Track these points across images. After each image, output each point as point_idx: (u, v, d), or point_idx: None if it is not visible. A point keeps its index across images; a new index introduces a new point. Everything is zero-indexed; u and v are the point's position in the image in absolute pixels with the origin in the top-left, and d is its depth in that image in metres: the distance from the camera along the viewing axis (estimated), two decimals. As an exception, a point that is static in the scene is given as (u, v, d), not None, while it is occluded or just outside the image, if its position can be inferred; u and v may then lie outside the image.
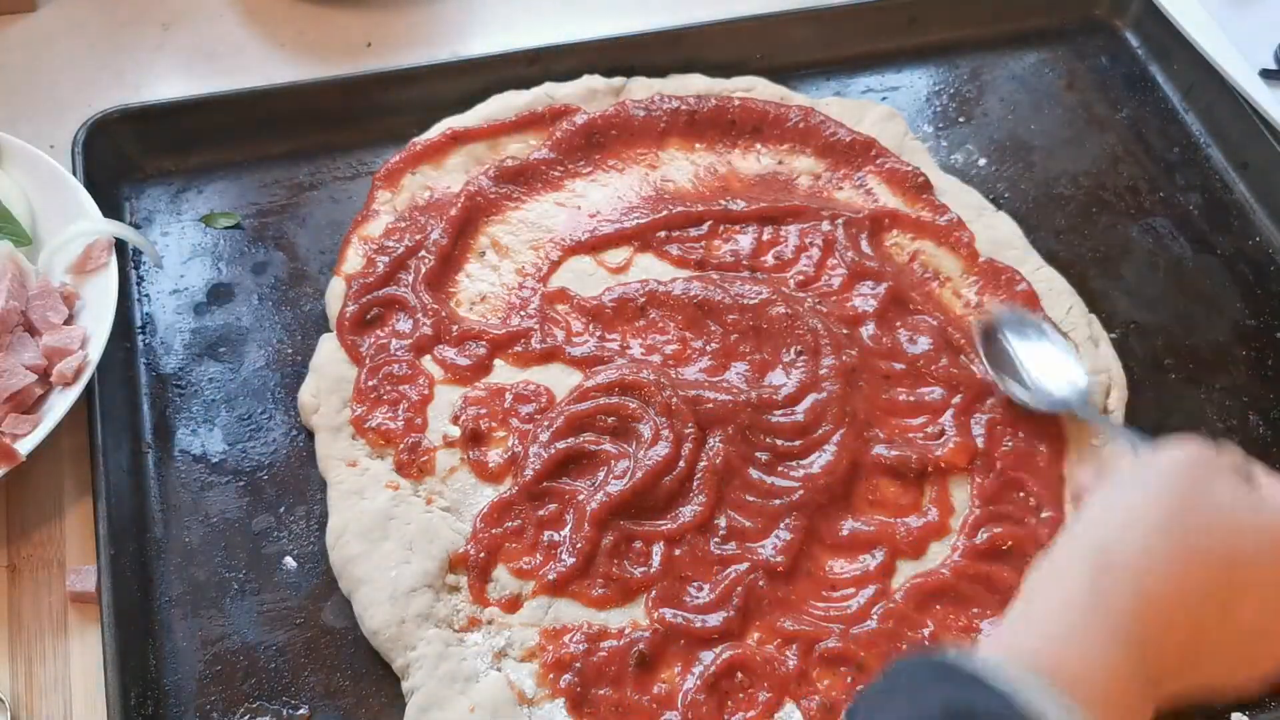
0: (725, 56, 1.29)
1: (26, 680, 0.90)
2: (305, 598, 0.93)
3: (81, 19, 1.33)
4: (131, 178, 1.17)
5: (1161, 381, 1.11)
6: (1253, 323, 1.16)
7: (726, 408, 0.99)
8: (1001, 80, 1.35)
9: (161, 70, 1.30)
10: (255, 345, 1.07)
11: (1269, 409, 1.09)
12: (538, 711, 0.86)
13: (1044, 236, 1.20)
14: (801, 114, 1.22)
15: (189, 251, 1.13)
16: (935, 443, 1.00)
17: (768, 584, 0.92)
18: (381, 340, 1.05)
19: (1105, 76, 1.36)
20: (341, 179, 1.19)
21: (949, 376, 1.03)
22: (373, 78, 1.23)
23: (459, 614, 0.91)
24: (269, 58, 1.31)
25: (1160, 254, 1.21)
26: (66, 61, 1.29)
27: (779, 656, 0.89)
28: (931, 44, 1.36)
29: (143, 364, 1.05)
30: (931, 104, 1.31)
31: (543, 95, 1.22)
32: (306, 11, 1.36)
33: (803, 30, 1.33)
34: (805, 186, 1.19)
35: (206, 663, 0.90)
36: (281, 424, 1.03)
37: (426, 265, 1.08)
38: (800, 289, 1.10)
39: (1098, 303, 1.14)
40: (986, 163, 1.27)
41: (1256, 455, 1.04)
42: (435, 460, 0.98)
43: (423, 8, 1.38)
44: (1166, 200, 1.25)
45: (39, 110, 1.23)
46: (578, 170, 1.18)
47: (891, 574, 0.94)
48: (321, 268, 1.12)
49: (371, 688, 0.90)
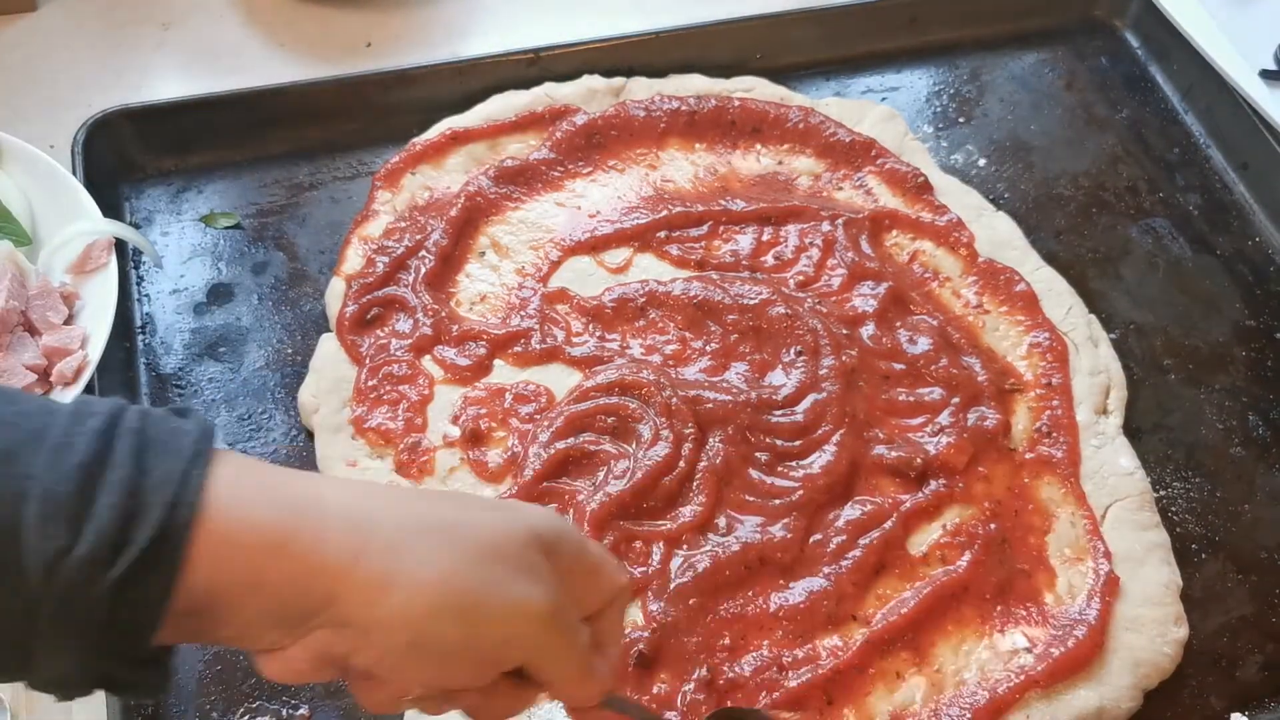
0: (725, 57, 1.29)
1: (26, 680, 0.90)
2: (305, 598, 0.93)
3: (81, 19, 1.33)
4: (131, 178, 1.17)
5: (1161, 382, 1.11)
6: (1252, 323, 1.16)
7: (726, 408, 0.99)
8: (1001, 81, 1.35)
9: (161, 70, 1.30)
10: (255, 345, 1.07)
11: (1268, 409, 1.09)
12: (538, 712, 0.86)
13: (1044, 237, 1.20)
14: (801, 114, 1.22)
15: (189, 251, 1.13)
16: (933, 441, 1.00)
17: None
18: (381, 340, 1.05)
19: (1105, 77, 1.36)
20: (341, 179, 1.19)
21: (949, 376, 1.03)
22: (373, 78, 1.23)
23: (459, 614, 0.91)
24: (269, 58, 1.31)
25: (1160, 254, 1.21)
26: (66, 61, 1.29)
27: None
28: (931, 44, 1.36)
29: (142, 364, 1.05)
30: (931, 104, 1.32)
31: (542, 95, 1.22)
32: (306, 11, 1.36)
33: (802, 30, 1.33)
34: (805, 187, 1.19)
35: (206, 663, 0.90)
36: (281, 424, 1.03)
37: (426, 265, 1.08)
38: (800, 289, 1.10)
39: (1097, 303, 1.15)
40: (986, 163, 1.27)
41: (1256, 455, 1.06)
42: (435, 460, 0.98)
43: (423, 8, 1.38)
44: (1166, 201, 1.25)
45: (39, 110, 1.23)
46: (578, 170, 1.18)
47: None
48: (321, 268, 1.12)
49: (371, 688, 0.90)
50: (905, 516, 0.95)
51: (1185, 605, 0.95)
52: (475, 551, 0.58)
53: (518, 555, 0.59)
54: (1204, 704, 0.92)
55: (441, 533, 0.58)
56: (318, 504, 0.56)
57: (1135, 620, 0.93)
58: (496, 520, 0.60)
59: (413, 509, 0.59)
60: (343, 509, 0.56)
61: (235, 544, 0.53)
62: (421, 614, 0.56)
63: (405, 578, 0.56)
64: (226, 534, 0.53)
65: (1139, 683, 0.90)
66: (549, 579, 0.59)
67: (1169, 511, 1.02)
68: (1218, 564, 1.00)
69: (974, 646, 0.91)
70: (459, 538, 0.58)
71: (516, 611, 0.58)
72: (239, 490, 0.54)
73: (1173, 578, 0.96)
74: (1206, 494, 1.04)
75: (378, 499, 0.59)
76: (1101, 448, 1.02)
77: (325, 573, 0.55)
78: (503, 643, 0.59)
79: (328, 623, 0.55)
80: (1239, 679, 0.94)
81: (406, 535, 0.57)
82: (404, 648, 0.56)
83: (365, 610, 0.55)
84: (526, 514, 0.62)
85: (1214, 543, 1.01)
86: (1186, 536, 1.01)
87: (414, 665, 0.58)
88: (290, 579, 0.54)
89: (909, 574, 0.93)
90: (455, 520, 0.59)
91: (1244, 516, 1.03)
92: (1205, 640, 0.95)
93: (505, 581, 0.58)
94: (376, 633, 0.56)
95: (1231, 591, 0.98)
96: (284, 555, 0.54)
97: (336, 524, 0.55)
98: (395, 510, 0.58)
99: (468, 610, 0.57)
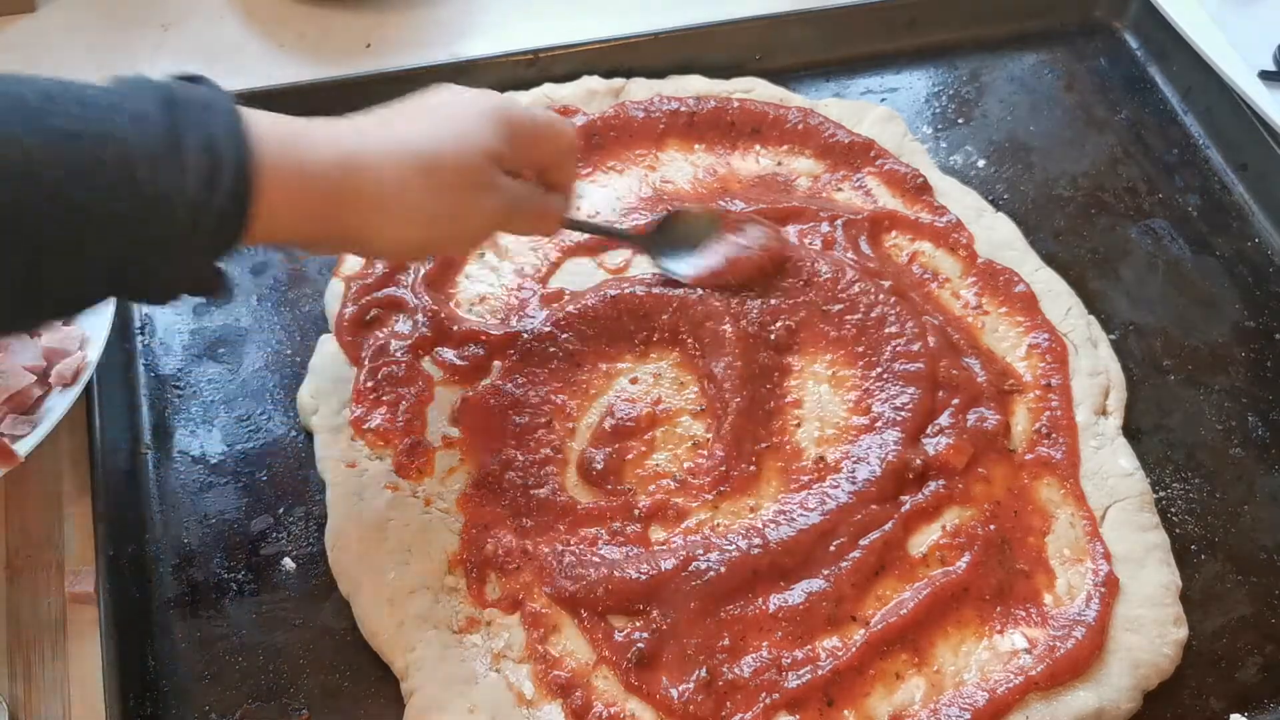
0: (724, 57, 1.29)
1: (26, 681, 0.90)
2: (304, 599, 0.93)
3: (81, 19, 1.33)
4: (131, 178, 1.17)
5: (1160, 382, 1.11)
6: (1251, 324, 1.16)
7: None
8: (1000, 81, 1.35)
9: (161, 70, 1.29)
10: (254, 346, 1.07)
11: (1268, 409, 1.09)
12: (537, 713, 0.87)
13: (1043, 238, 1.20)
14: (801, 115, 1.22)
15: (188, 252, 1.13)
16: (932, 441, 1.00)
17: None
18: (380, 341, 1.05)
19: (1104, 78, 1.36)
20: (341, 180, 1.19)
21: (949, 377, 1.03)
22: (373, 78, 1.22)
23: (458, 615, 0.91)
24: (269, 58, 1.32)
25: (1159, 255, 1.21)
26: (66, 62, 1.29)
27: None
28: (931, 45, 1.36)
29: (142, 365, 1.05)
30: (931, 105, 1.32)
31: (542, 96, 1.22)
32: (306, 12, 1.36)
33: (802, 31, 1.33)
34: (804, 188, 1.19)
35: (205, 663, 0.90)
36: (280, 425, 1.03)
37: (426, 266, 1.08)
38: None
39: (1097, 304, 1.15)
40: (985, 164, 1.27)
41: (1256, 456, 1.06)
42: (434, 461, 0.98)
43: (422, 8, 1.38)
44: (1165, 201, 1.25)
45: (38, 111, 1.23)
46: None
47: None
48: (320, 268, 1.12)
49: (370, 689, 0.90)
50: (905, 517, 0.95)
51: (1185, 606, 0.95)
52: (437, 184, 0.79)
53: (472, 179, 0.81)
54: (1203, 705, 0.92)
55: (416, 177, 0.78)
56: (347, 164, 0.76)
57: (1135, 621, 0.93)
58: (460, 149, 0.80)
59: (397, 146, 0.78)
60: (338, 155, 0.76)
61: (285, 187, 0.72)
62: (399, 240, 0.80)
63: (393, 219, 0.78)
64: (275, 178, 0.71)
65: (1138, 684, 0.90)
66: (496, 188, 0.83)
67: (1168, 512, 1.02)
68: (1217, 565, 1.00)
69: (973, 647, 0.91)
70: (428, 177, 0.78)
71: (479, 223, 0.85)
72: (274, 137, 0.72)
73: (1172, 579, 0.96)
74: (1206, 495, 1.03)
75: (371, 137, 0.78)
76: (1101, 449, 1.02)
77: (338, 208, 0.76)
78: (474, 238, 0.92)
79: (343, 237, 0.79)
80: (1238, 680, 0.94)
81: (403, 184, 0.77)
82: (390, 255, 1.02)
83: (366, 238, 0.79)
84: (479, 134, 0.81)
85: (1213, 543, 1.01)
86: (1186, 537, 1.01)
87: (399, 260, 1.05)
88: (311, 215, 0.75)
89: (908, 575, 0.93)
90: (424, 157, 0.79)
91: (1243, 517, 1.03)
92: (1205, 641, 0.95)
93: (463, 205, 0.81)
94: (371, 249, 0.90)
95: (1231, 592, 0.98)
96: (310, 193, 0.74)
97: (334, 170, 0.75)
98: (382, 152, 0.77)
99: (435, 232, 0.81)
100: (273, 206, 0.71)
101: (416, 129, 0.80)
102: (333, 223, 0.76)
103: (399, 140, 0.79)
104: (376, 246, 0.83)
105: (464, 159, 0.80)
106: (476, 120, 0.82)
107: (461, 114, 0.82)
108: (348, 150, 0.76)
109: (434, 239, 0.83)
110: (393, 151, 0.78)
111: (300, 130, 0.75)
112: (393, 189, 0.77)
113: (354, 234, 0.78)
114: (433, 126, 0.81)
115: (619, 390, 1.02)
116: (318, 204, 0.75)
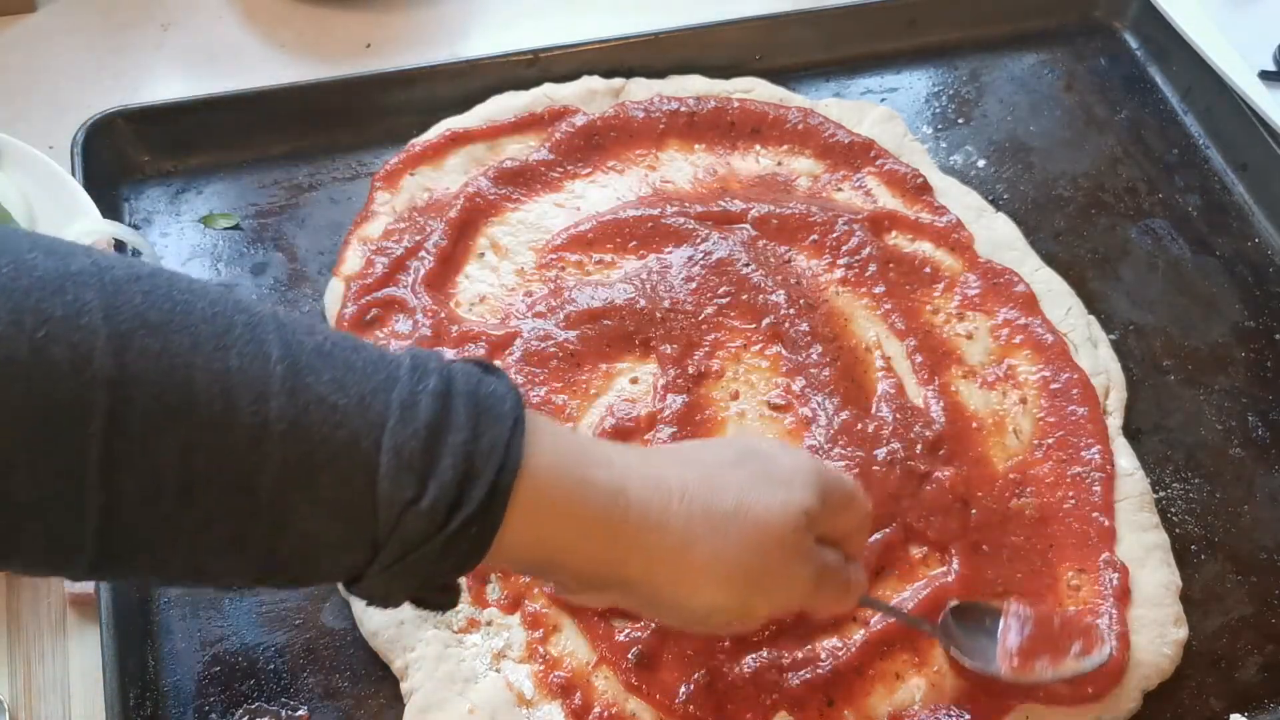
0: (724, 57, 1.29)
1: (25, 681, 0.90)
2: (304, 599, 0.93)
3: (81, 19, 1.33)
4: (131, 178, 1.17)
5: (1160, 383, 1.11)
6: (1252, 324, 1.16)
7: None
8: (1000, 81, 1.35)
9: (161, 71, 1.30)
10: (254, 346, 1.07)
11: (1268, 410, 1.09)
12: (537, 713, 0.87)
13: (1043, 238, 1.20)
14: (801, 115, 1.22)
15: (188, 252, 1.13)
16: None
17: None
18: (380, 341, 1.05)
19: (1104, 78, 1.36)
20: (341, 180, 1.19)
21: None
22: (372, 78, 1.23)
23: (458, 615, 0.91)
24: (269, 58, 1.31)
25: (1159, 255, 1.21)
26: (66, 62, 1.29)
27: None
28: (931, 45, 1.36)
29: (142, 365, 1.05)
30: (930, 105, 1.32)
31: (542, 96, 1.22)
32: (306, 12, 1.36)
33: (802, 31, 1.33)
34: (804, 188, 1.19)
35: (205, 664, 0.90)
36: (281, 425, 1.02)
37: (426, 266, 1.08)
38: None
39: (1096, 304, 1.15)
40: (985, 164, 1.27)
41: (1256, 456, 1.06)
42: (434, 461, 0.98)
43: (423, 8, 1.38)
44: (1165, 201, 1.25)
45: (38, 110, 1.23)
46: (577, 171, 1.18)
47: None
48: (321, 269, 1.12)
49: (371, 689, 0.90)
50: (905, 520, 0.95)
51: (1185, 606, 0.95)
52: (755, 542, 0.67)
53: (792, 541, 0.68)
54: (1203, 705, 0.92)
55: (724, 529, 0.66)
56: (621, 492, 0.64)
57: (1135, 621, 0.92)
58: (774, 507, 0.68)
59: (701, 501, 0.66)
60: (641, 502, 0.64)
61: (546, 512, 0.61)
62: (703, 604, 0.67)
63: (693, 573, 0.66)
64: (539, 501, 0.60)
65: (1138, 684, 0.90)
66: (812, 555, 0.70)
67: (1168, 512, 1.02)
68: (1217, 565, 1.00)
69: (973, 647, 0.91)
70: (741, 530, 0.66)
71: (789, 592, 0.70)
72: (552, 458, 0.61)
73: (1172, 579, 0.96)
74: (1206, 495, 1.03)
75: (671, 485, 0.66)
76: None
77: (620, 562, 0.64)
78: (772, 613, 0.73)
79: (619, 589, 0.67)
80: (1238, 680, 0.94)
81: (695, 531, 0.65)
82: (683, 622, 0.71)
83: (654, 592, 0.66)
84: (800, 494, 0.69)
85: (1213, 543, 1.01)
86: (1186, 537, 1.01)
87: (691, 629, 0.77)
88: (589, 557, 0.64)
89: (908, 575, 0.93)
90: (736, 510, 0.67)
91: (1243, 517, 1.03)
92: (1205, 641, 0.95)
93: (778, 569, 0.68)
94: (662, 610, 0.70)
95: (1231, 592, 0.98)
96: (587, 535, 0.63)
97: (636, 518, 0.64)
98: (686, 504, 0.66)
99: (746, 597, 0.68)
100: (523, 540, 0.61)
101: (735, 479, 0.69)
102: (601, 572, 0.65)
103: (708, 499, 0.67)
104: (678, 610, 0.69)
105: (789, 518, 0.68)
106: (798, 476, 0.71)
107: (778, 469, 0.71)
108: (646, 497, 0.65)
109: (745, 606, 0.69)
110: (703, 506, 0.66)
111: (586, 454, 0.64)
112: (704, 550, 0.66)
113: (640, 590, 0.67)
114: (752, 479, 0.69)
115: (619, 390, 1.02)
116: (588, 553, 0.64)
